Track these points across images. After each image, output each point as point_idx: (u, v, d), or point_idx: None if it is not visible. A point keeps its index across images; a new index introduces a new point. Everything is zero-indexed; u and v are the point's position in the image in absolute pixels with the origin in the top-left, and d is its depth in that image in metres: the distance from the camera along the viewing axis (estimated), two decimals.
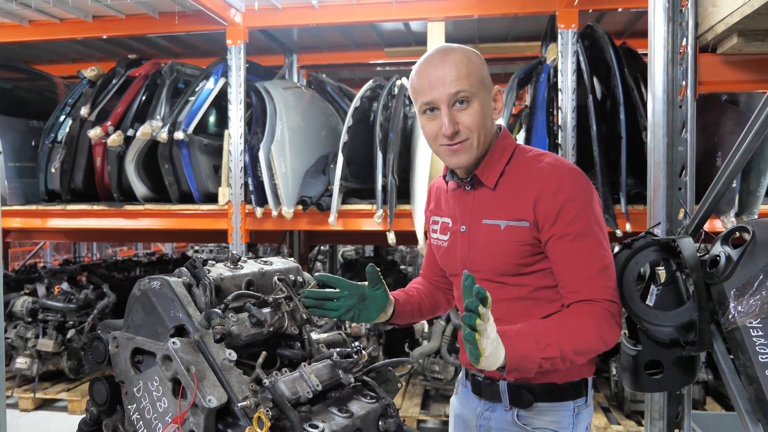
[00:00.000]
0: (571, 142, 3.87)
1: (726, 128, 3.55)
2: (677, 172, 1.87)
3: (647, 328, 1.63)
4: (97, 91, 4.55)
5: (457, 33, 4.98)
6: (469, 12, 4.10)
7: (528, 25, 4.86)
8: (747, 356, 1.41)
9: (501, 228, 1.54)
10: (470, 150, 1.53)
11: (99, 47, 5.49)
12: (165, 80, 4.45)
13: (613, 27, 4.76)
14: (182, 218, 4.50)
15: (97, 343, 1.67)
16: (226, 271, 1.79)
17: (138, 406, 1.52)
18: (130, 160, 4.37)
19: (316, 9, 4.25)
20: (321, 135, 4.63)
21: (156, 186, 4.56)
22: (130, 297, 1.61)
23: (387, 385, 1.90)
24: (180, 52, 5.68)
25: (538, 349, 1.37)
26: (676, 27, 1.84)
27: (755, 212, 3.55)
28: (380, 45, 5.41)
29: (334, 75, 6.31)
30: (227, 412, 1.46)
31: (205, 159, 4.45)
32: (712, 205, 1.58)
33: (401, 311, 1.71)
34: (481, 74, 1.53)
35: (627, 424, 3.95)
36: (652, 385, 1.69)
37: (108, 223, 4.63)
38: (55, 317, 4.76)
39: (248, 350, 1.70)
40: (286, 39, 5.33)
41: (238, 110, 4.34)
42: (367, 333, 4.57)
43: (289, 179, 4.18)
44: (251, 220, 4.38)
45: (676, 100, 1.85)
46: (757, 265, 1.44)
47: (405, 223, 4.11)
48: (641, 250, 1.66)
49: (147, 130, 4.16)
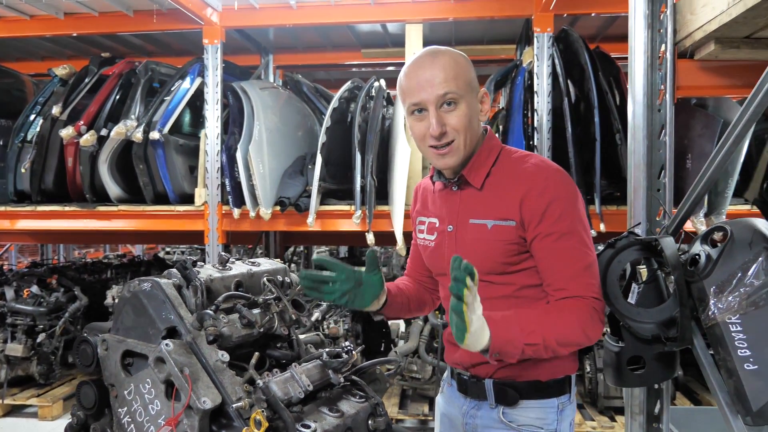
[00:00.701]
0: (546, 143, 3.94)
1: (695, 131, 3.66)
2: (656, 173, 1.93)
3: (630, 325, 1.68)
4: (69, 90, 4.46)
5: (434, 35, 5.02)
6: (447, 14, 4.14)
7: (504, 28, 4.93)
8: (726, 351, 1.46)
9: (488, 227, 1.57)
10: (457, 152, 1.56)
11: (70, 45, 5.38)
12: (140, 79, 4.39)
13: (586, 31, 4.86)
14: (157, 219, 4.44)
15: (84, 346, 1.65)
16: (215, 272, 1.79)
17: (129, 409, 1.51)
18: (104, 161, 4.30)
19: (294, 9, 4.24)
20: (298, 135, 4.62)
21: (130, 187, 4.49)
22: (120, 299, 1.60)
23: (375, 385, 1.92)
24: (153, 51, 5.60)
25: (522, 334, 1.41)
26: (655, 33, 1.90)
27: (723, 213, 3.66)
28: (357, 46, 5.43)
29: (310, 75, 6.29)
30: (221, 413, 1.46)
31: (180, 159, 4.40)
32: (692, 207, 1.64)
33: (393, 302, 1.72)
34: (469, 77, 1.56)
35: (601, 420, 4.03)
36: (635, 380, 1.74)
37: (80, 225, 4.54)
38: (25, 321, 4.63)
39: (238, 351, 1.70)
40: (262, 39, 5.30)
41: (215, 110, 4.30)
42: (345, 333, 4.57)
43: (267, 180, 4.16)
44: (228, 221, 4.35)
45: (655, 104, 1.91)
46: (735, 263, 1.50)
47: (383, 224, 4.13)
48: (624, 249, 1.71)
49: (121, 130, 4.10)
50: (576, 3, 3.99)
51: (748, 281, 1.46)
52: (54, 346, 4.63)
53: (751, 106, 1.24)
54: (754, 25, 1.58)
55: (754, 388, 1.40)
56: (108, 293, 4.84)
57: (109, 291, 4.86)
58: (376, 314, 1.74)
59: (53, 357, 4.66)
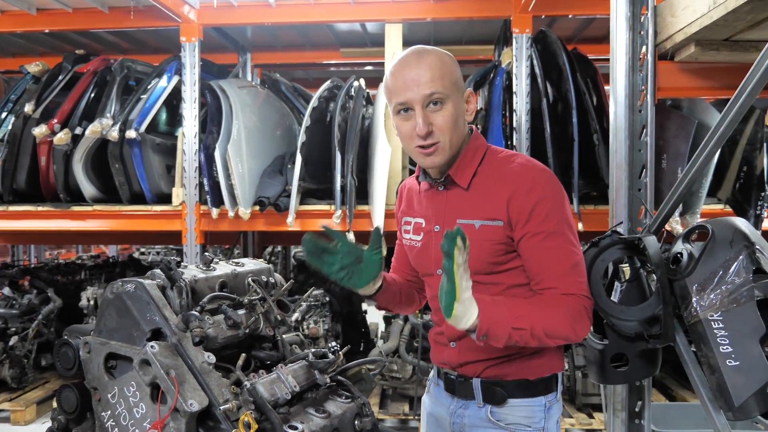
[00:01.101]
0: (525, 144, 3.98)
1: (670, 132, 3.72)
2: (637, 173, 1.96)
3: (613, 323, 1.70)
4: (42, 88, 4.35)
5: (413, 35, 5.03)
6: (427, 15, 4.15)
7: (482, 28, 4.95)
8: (709, 347, 1.49)
9: (475, 227, 1.58)
10: (443, 152, 1.57)
11: (42, 41, 5.26)
12: (115, 77, 4.30)
13: (563, 33, 4.91)
14: (134, 219, 4.37)
15: (65, 349, 1.62)
16: (200, 272, 1.77)
17: (113, 413, 1.49)
18: (78, 160, 4.22)
19: (273, 8, 4.21)
20: (276, 135, 4.59)
21: (105, 186, 4.41)
22: (103, 300, 1.57)
23: (361, 385, 1.92)
24: (128, 48, 5.51)
25: (510, 317, 1.42)
26: (636, 35, 1.93)
27: (697, 212, 3.74)
28: (336, 45, 5.41)
29: (288, 75, 6.25)
30: (208, 415, 1.45)
31: (157, 158, 4.33)
32: (674, 206, 1.67)
33: (387, 289, 1.70)
34: (455, 76, 1.56)
35: (579, 416, 4.08)
36: (618, 378, 1.77)
37: (54, 225, 4.45)
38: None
39: (223, 353, 1.68)
40: (240, 37, 5.25)
41: (193, 109, 4.25)
42: (325, 333, 4.56)
43: (245, 179, 4.12)
44: (206, 221, 4.30)
45: (636, 105, 1.94)
46: (717, 262, 1.53)
47: (363, 224, 4.13)
48: (608, 248, 1.74)
49: (97, 129, 4.02)
50: (554, 4, 4.04)
51: (729, 279, 1.49)
52: (27, 349, 4.54)
53: (734, 107, 1.27)
54: (734, 28, 1.62)
55: (736, 384, 1.43)
56: (82, 295, 4.76)
57: (84, 292, 4.77)
58: (369, 300, 1.72)
59: (26, 360, 4.56)
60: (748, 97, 1.22)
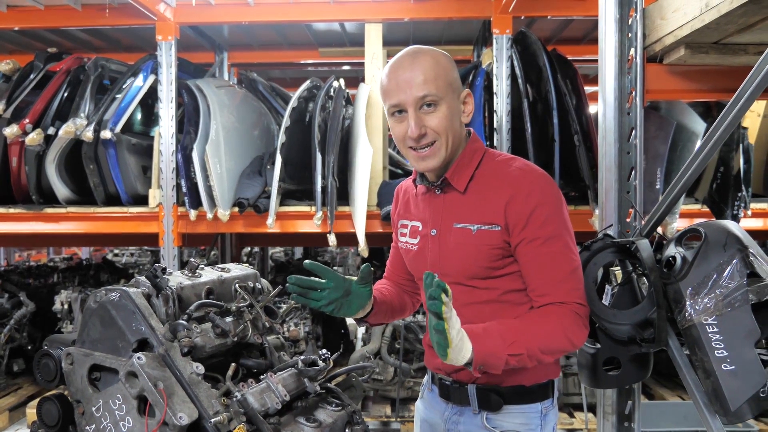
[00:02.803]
0: (506, 144, 3.98)
1: (650, 133, 3.74)
2: (626, 175, 1.96)
3: (606, 327, 1.70)
4: (13, 87, 4.21)
5: (392, 35, 5.01)
6: (407, 15, 4.12)
7: (461, 29, 4.95)
8: (704, 352, 1.49)
9: (472, 232, 1.56)
10: (438, 154, 1.55)
11: (12, 39, 5.09)
12: (89, 76, 4.19)
13: (542, 33, 4.94)
14: (109, 221, 4.26)
15: (46, 360, 1.55)
16: (185, 279, 1.71)
17: (98, 427, 1.43)
18: (51, 160, 4.09)
19: (251, 6, 4.14)
20: (254, 135, 4.52)
21: (79, 188, 4.29)
22: (86, 310, 1.51)
23: (351, 392, 1.89)
24: (101, 47, 5.37)
25: (504, 345, 1.40)
26: (624, 37, 1.93)
27: (676, 212, 3.78)
28: (314, 45, 5.35)
29: (265, 74, 6.17)
30: (197, 428, 1.40)
31: (133, 159, 4.23)
32: (667, 209, 1.67)
33: (378, 311, 1.70)
34: (450, 78, 1.54)
35: (560, 416, 4.11)
36: (610, 382, 1.77)
37: (26, 228, 4.32)
38: None
39: (210, 361, 1.63)
40: (217, 36, 5.17)
41: (170, 108, 4.16)
42: (306, 336, 4.51)
43: (224, 180, 4.05)
44: (184, 222, 4.22)
45: (625, 108, 1.94)
46: (710, 265, 1.53)
47: (344, 225, 4.09)
48: (600, 251, 1.73)
49: (70, 129, 3.91)
50: (533, 6, 4.04)
51: (723, 282, 1.49)
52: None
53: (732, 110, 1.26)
54: (725, 31, 1.62)
55: (731, 388, 1.43)
56: (56, 298, 4.62)
57: (57, 296, 4.64)
58: (360, 322, 1.71)
59: None
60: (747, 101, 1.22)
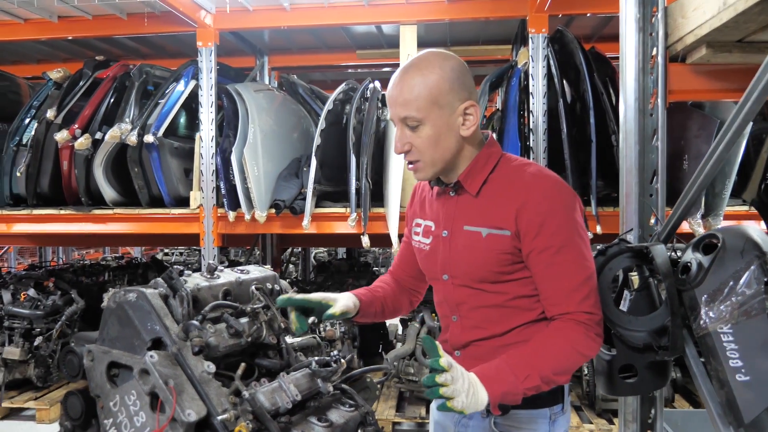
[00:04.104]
0: (542, 145, 3.92)
1: (692, 132, 3.64)
2: (648, 178, 1.91)
3: (621, 334, 1.66)
4: (63, 93, 4.44)
5: (429, 36, 5.00)
6: (441, 16, 4.12)
7: (499, 28, 4.90)
8: (718, 361, 1.45)
9: (482, 236, 1.56)
10: (423, 170, 1.57)
11: (64, 48, 5.36)
12: (134, 82, 4.37)
13: (582, 31, 4.84)
14: (153, 222, 4.42)
15: (71, 357, 1.64)
16: (203, 281, 1.77)
17: (115, 421, 1.50)
18: (99, 164, 4.29)
19: (288, 11, 4.22)
20: (293, 137, 4.60)
21: (125, 190, 4.47)
22: (105, 309, 1.58)
23: (365, 393, 1.90)
24: (148, 53, 5.58)
25: (518, 381, 1.41)
26: (647, 37, 1.88)
27: (720, 213, 3.64)
28: (352, 47, 5.40)
29: (305, 77, 6.27)
30: (206, 425, 1.44)
31: (175, 162, 4.38)
32: (684, 212, 1.62)
33: (366, 311, 1.73)
34: (436, 95, 1.48)
35: (598, 422, 4.02)
36: (626, 389, 1.73)
37: (76, 228, 4.53)
38: (22, 324, 4.62)
39: (226, 361, 1.68)
40: (257, 41, 5.28)
41: (210, 113, 4.29)
42: (341, 336, 4.56)
43: (261, 182, 4.15)
44: (223, 224, 4.34)
45: (647, 108, 1.89)
46: (727, 272, 1.48)
47: (379, 226, 4.12)
48: (615, 256, 1.69)
49: (116, 133, 4.08)
50: (571, 3, 3.97)
51: (740, 290, 1.44)
52: (51, 349, 4.61)
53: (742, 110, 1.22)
54: (746, 30, 1.56)
55: (746, 400, 1.38)
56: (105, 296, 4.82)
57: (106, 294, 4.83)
58: (350, 321, 1.76)
59: (50, 360, 4.64)
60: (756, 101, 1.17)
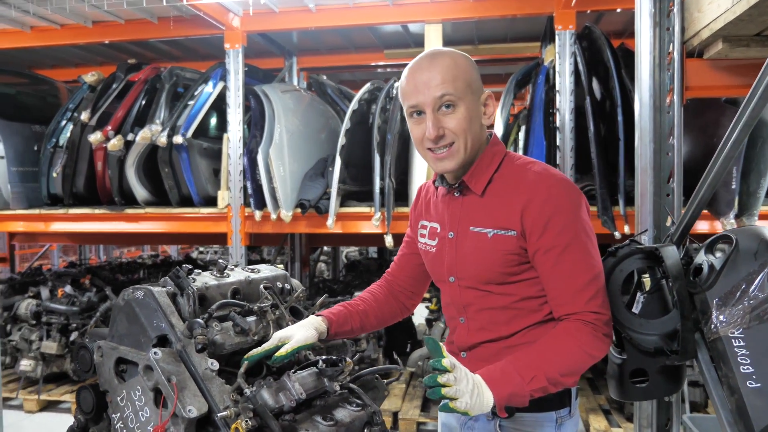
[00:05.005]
0: (569, 143, 3.85)
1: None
2: (665, 178, 1.86)
3: (632, 337, 1.62)
4: (97, 96, 4.57)
5: (457, 34, 4.97)
6: (467, 14, 4.09)
7: (527, 25, 4.84)
8: (729, 367, 1.40)
9: (488, 236, 1.54)
10: (456, 155, 1.53)
11: (100, 52, 5.52)
12: (164, 84, 4.47)
13: (612, 27, 4.74)
14: (182, 221, 4.52)
15: (83, 352, 1.68)
16: (212, 280, 1.79)
17: (122, 415, 1.53)
18: (131, 164, 4.40)
19: (313, 12, 4.25)
20: (320, 138, 4.63)
21: (156, 189, 4.58)
22: (114, 307, 1.62)
23: (374, 393, 1.90)
24: (180, 56, 5.70)
25: (524, 383, 1.39)
26: (663, 32, 1.82)
27: (755, 213, 3.52)
28: (379, 47, 5.41)
29: (335, 77, 6.31)
30: (209, 421, 1.47)
31: (204, 162, 4.46)
32: (696, 212, 1.57)
33: (340, 330, 1.73)
34: (469, 78, 1.52)
35: (627, 426, 3.93)
36: (638, 394, 1.68)
37: (109, 227, 4.66)
38: (59, 320, 4.79)
39: (234, 358, 1.70)
40: (285, 42, 5.34)
41: (237, 114, 4.35)
42: (366, 335, 4.57)
43: (287, 182, 4.19)
44: (250, 223, 4.40)
45: (664, 106, 1.84)
46: (739, 275, 1.42)
47: (403, 226, 4.11)
48: (626, 258, 1.65)
49: (146, 135, 4.18)
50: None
51: (752, 294, 1.39)
52: None
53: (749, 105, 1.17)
54: (762, 23, 1.50)
55: (756, 407, 1.33)
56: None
57: None
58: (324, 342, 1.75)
59: None
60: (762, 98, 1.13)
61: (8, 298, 5.09)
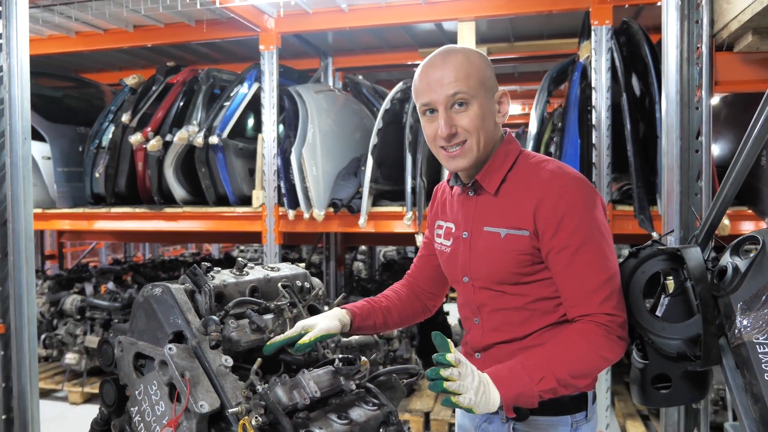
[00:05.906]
0: (605, 141, 3.75)
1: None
2: (693, 177, 1.79)
3: (653, 341, 1.57)
4: (137, 98, 4.71)
5: (492, 32, 4.90)
6: (500, 11, 4.03)
7: (564, 21, 4.74)
8: (753, 374, 1.34)
9: (501, 236, 1.52)
10: (469, 153, 1.51)
11: (142, 55, 5.68)
12: (201, 86, 4.57)
13: (653, 21, 4.58)
14: (218, 220, 4.60)
15: (105, 347, 1.73)
16: (230, 277, 1.82)
17: (139, 409, 1.57)
18: (169, 165, 4.51)
19: (346, 12, 4.26)
20: (354, 137, 4.65)
21: (194, 189, 4.68)
22: (134, 303, 1.66)
23: (391, 393, 1.90)
24: (218, 58, 5.81)
25: (533, 383, 1.37)
26: (692, 25, 1.75)
27: None
28: (414, 46, 5.39)
29: (371, 77, 6.31)
30: (221, 417, 1.49)
31: (240, 162, 4.54)
32: (721, 211, 1.50)
33: (362, 324, 1.71)
34: (482, 76, 1.50)
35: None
36: (660, 400, 1.63)
37: (149, 225, 4.78)
38: (101, 315, 4.96)
39: (252, 356, 1.72)
40: (321, 43, 5.37)
41: (271, 114, 4.40)
42: (399, 335, 4.57)
43: (320, 182, 4.22)
44: (284, 222, 4.45)
45: (692, 102, 1.77)
46: (765, 278, 1.36)
47: None
48: (648, 259, 1.60)
49: (184, 135, 4.28)
50: None
51: None
52: None
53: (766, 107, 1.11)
54: None
55: None
56: None
57: None
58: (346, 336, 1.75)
59: None
60: None
61: (55, 294, 5.30)
